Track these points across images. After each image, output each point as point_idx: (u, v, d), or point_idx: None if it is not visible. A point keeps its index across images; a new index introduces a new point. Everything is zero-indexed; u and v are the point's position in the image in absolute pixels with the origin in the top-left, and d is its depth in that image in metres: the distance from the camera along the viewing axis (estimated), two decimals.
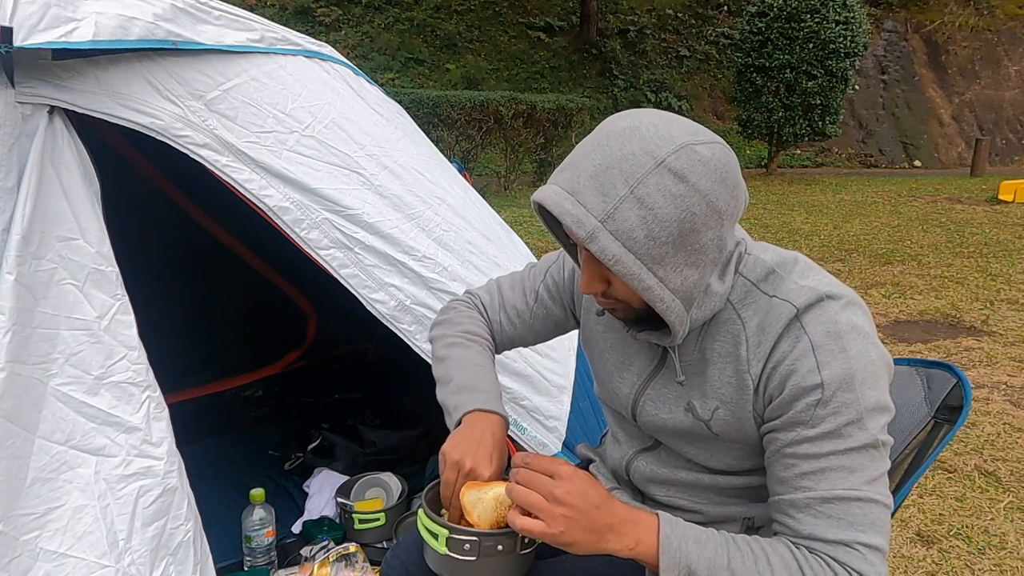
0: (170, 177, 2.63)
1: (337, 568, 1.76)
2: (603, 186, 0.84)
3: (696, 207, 0.84)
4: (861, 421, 0.87)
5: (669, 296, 0.87)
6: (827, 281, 0.95)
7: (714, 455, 1.03)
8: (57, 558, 1.12)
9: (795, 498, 0.90)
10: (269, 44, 1.62)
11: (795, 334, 0.90)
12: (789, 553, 0.88)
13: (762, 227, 8.08)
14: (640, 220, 0.83)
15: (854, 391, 0.87)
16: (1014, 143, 17.27)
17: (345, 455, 2.38)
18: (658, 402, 1.06)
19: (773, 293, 0.94)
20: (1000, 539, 2.23)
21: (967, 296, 5.05)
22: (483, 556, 0.93)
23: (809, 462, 0.89)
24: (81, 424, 1.18)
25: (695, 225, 0.85)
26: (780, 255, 0.99)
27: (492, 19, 17.58)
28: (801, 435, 0.89)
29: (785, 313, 0.91)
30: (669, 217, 0.83)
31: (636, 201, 0.83)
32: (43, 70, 1.21)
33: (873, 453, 0.88)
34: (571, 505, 0.86)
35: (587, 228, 0.84)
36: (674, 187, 0.83)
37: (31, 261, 1.16)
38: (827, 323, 0.89)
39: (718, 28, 18.20)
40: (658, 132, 0.85)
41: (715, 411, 0.98)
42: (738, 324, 0.96)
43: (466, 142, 10.48)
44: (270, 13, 14.28)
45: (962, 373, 1.15)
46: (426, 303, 1.71)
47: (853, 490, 0.87)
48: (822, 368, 0.87)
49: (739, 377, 0.95)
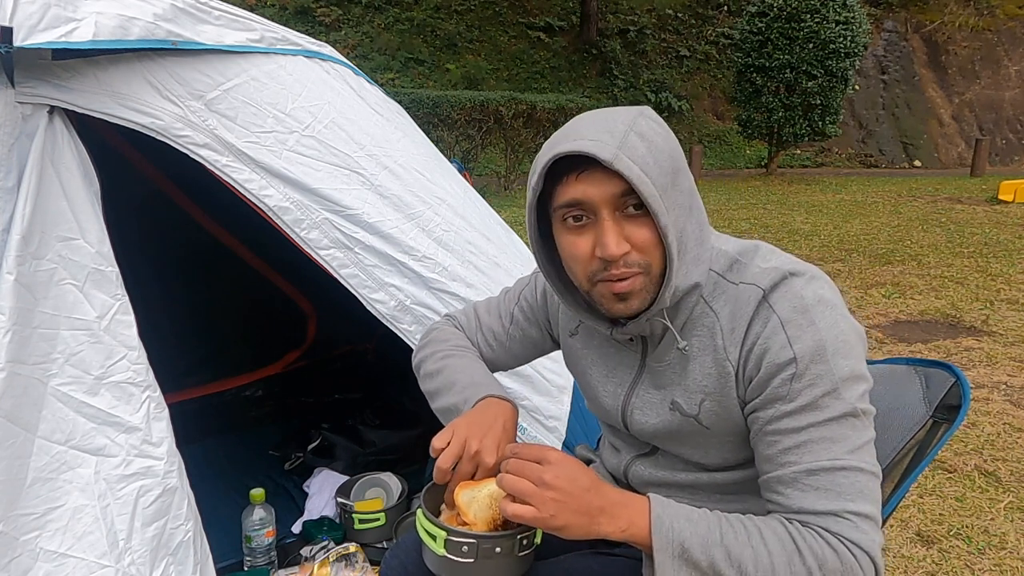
0: (170, 177, 2.64)
1: (337, 568, 1.76)
2: (609, 127, 0.91)
3: (675, 150, 0.93)
4: (837, 391, 0.88)
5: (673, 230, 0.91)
6: (789, 260, 0.97)
7: (709, 452, 1.04)
8: (57, 558, 1.13)
9: (781, 474, 0.91)
10: (269, 44, 1.62)
11: (765, 314, 0.92)
12: (782, 527, 0.89)
13: (762, 227, 8.08)
14: (646, 148, 0.90)
15: (827, 362, 0.88)
16: (1014, 143, 17.27)
17: (345, 455, 2.38)
18: (645, 408, 1.07)
19: (739, 280, 0.96)
20: (1000, 539, 2.23)
21: (967, 296, 5.05)
22: (481, 558, 0.93)
23: (790, 436, 0.90)
24: (81, 424, 1.18)
25: (680, 164, 0.93)
26: (741, 244, 1.02)
27: (492, 19, 17.58)
28: (780, 411, 0.91)
29: (753, 296, 0.94)
30: (663, 149, 0.91)
31: (638, 135, 0.90)
32: (43, 70, 1.21)
33: (854, 422, 0.89)
34: (560, 489, 0.87)
35: (611, 150, 0.88)
36: (659, 128, 0.93)
37: (31, 261, 1.16)
38: (793, 298, 0.91)
39: (718, 28, 18.20)
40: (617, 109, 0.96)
41: (702, 404, 0.99)
42: (711, 316, 0.98)
43: (466, 142, 10.49)
44: (270, 13, 14.28)
45: (961, 372, 1.15)
46: (426, 303, 1.71)
47: (837, 459, 0.88)
48: (793, 343, 0.89)
49: (719, 366, 0.96)
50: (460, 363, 1.22)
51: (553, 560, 1.13)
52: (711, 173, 14.58)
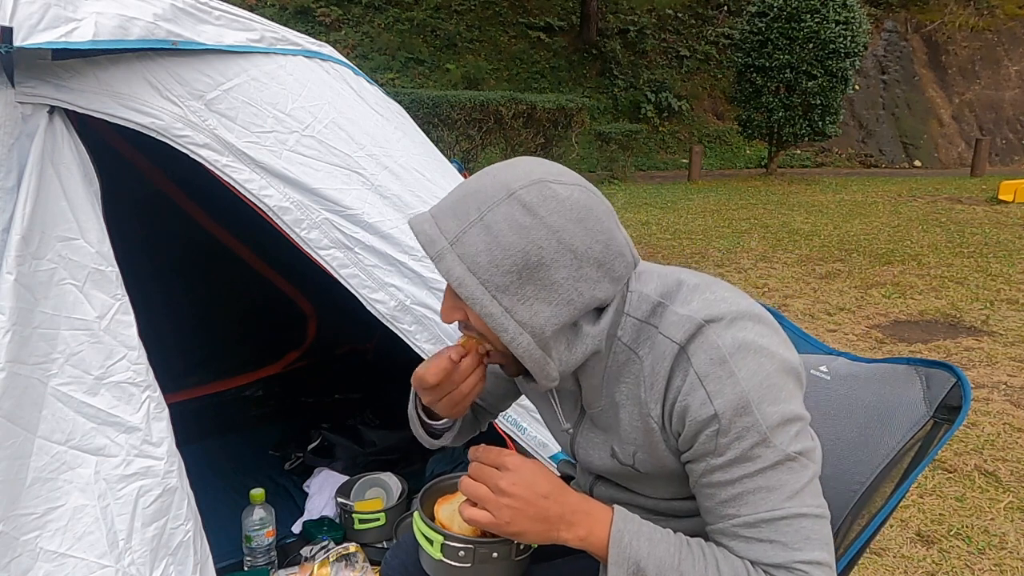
0: (170, 177, 2.64)
1: (337, 568, 1.76)
2: (458, 211, 0.87)
3: (544, 241, 0.85)
4: (767, 440, 0.84)
5: (515, 327, 0.86)
6: (709, 301, 0.90)
7: (656, 489, 1.02)
8: (57, 558, 1.12)
9: (723, 527, 0.88)
10: (269, 44, 1.62)
11: (683, 368, 0.87)
12: (741, 564, 0.87)
13: (762, 227, 8.08)
14: (485, 246, 0.85)
15: (751, 414, 0.84)
16: (1014, 143, 17.26)
17: (345, 455, 2.38)
18: (588, 449, 1.05)
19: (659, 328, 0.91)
20: (1000, 539, 2.23)
21: (967, 296, 5.05)
22: (478, 562, 0.94)
23: (725, 489, 0.87)
24: (81, 424, 1.18)
25: (543, 259, 0.85)
26: (664, 283, 0.95)
27: (492, 19, 17.58)
28: (711, 464, 0.87)
29: (668, 351, 0.89)
30: (513, 246, 0.84)
31: (484, 227, 0.85)
32: (43, 70, 1.21)
33: (791, 465, 0.85)
34: (515, 496, 0.86)
35: (436, 248, 0.86)
36: (521, 218, 0.84)
37: (31, 261, 1.16)
38: (709, 350, 0.86)
39: (718, 28, 18.20)
40: (521, 169, 0.89)
41: (635, 455, 0.97)
42: (638, 365, 0.93)
43: (466, 142, 10.50)
44: (270, 13, 14.28)
45: (962, 373, 1.15)
46: (426, 303, 1.71)
47: (776, 509, 0.85)
48: (713, 398, 0.85)
49: (643, 420, 0.93)
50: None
51: (548, 563, 1.13)
52: (711, 173, 14.58)
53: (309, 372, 3.09)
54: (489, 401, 1.31)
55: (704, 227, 8.14)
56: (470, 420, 1.30)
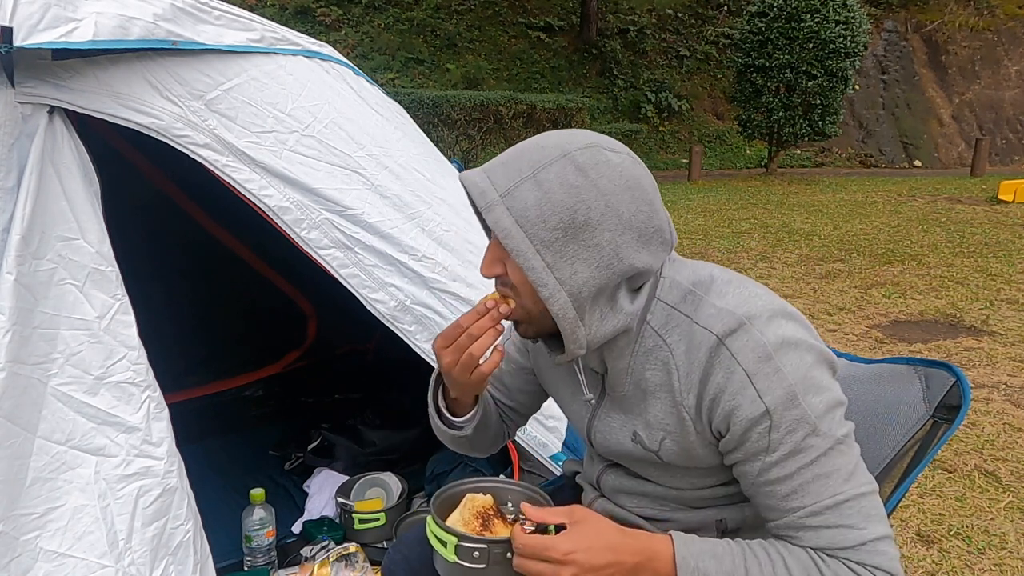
0: (170, 177, 2.64)
1: (337, 568, 1.76)
2: (511, 168, 0.90)
3: (592, 202, 0.87)
4: (816, 430, 0.87)
5: (554, 283, 0.88)
6: (745, 297, 0.92)
7: (673, 478, 1.03)
8: (57, 558, 1.13)
9: (789, 521, 0.90)
10: (269, 44, 1.62)
11: (725, 365, 0.89)
12: (807, 556, 0.89)
13: (762, 227, 8.08)
14: (535, 200, 0.87)
15: (799, 406, 0.87)
16: (1014, 143, 17.26)
17: (345, 455, 2.38)
18: (607, 432, 1.06)
19: (693, 317, 0.93)
20: (1000, 539, 2.23)
21: (967, 296, 5.05)
22: (492, 564, 0.94)
23: (785, 483, 0.89)
24: (81, 424, 1.18)
25: (589, 220, 0.87)
26: (696, 274, 0.97)
27: (492, 19, 17.58)
28: (766, 462, 0.89)
29: (706, 342, 0.90)
30: (562, 204, 0.87)
31: (536, 183, 0.87)
32: (43, 70, 1.21)
33: (841, 449, 0.89)
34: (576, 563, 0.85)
35: (487, 199, 0.89)
36: (573, 178, 0.87)
37: (31, 261, 1.16)
38: (755, 348, 0.88)
39: (718, 28, 18.20)
40: (577, 135, 0.92)
41: (662, 441, 0.98)
42: (666, 351, 0.95)
43: (466, 142, 10.50)
44: (270, 13, 14.28)
45: (961, 372, 1.15)
46: (426, 303, 1.71)
47: (838, 494, 0.87)
48: (763, 395, 0.87)
49: (676, 408, 0.95)
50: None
51: None
52: (711, 173, 14.58)
53: (309, 372, 3.09)
54: (518, 400, 1.30)
55: (704, 227, 8.14)
56: (496, 422, 1.28)
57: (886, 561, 0.87)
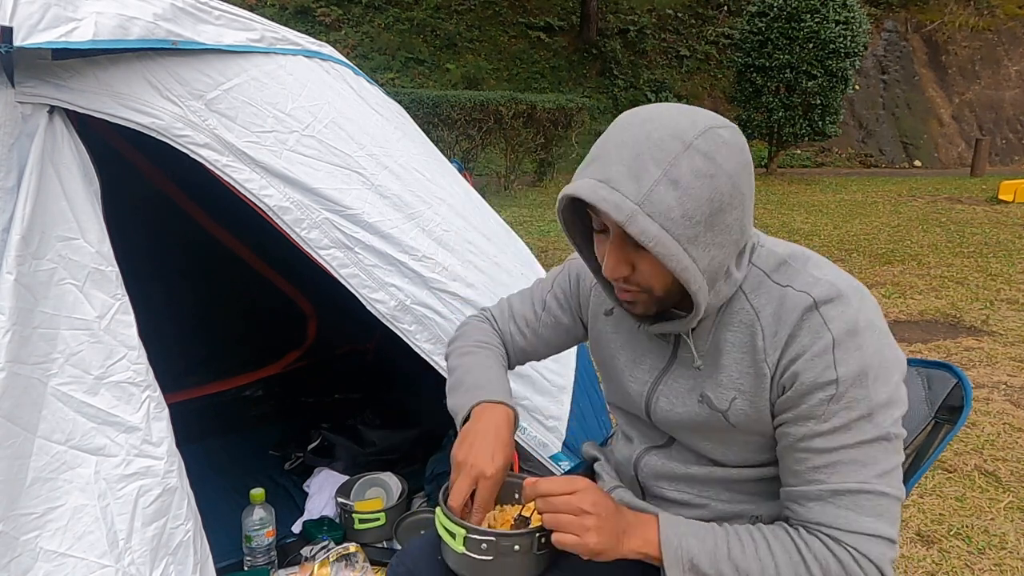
0: (171, 177, 2.64)
1: (337, 568, 1.76)
2: (636, 171, 0.86)
3: (724, 187, 0.87)
4: (872, 415, 0.88)
5: (699, 276, 0.89)
6: (842, 275, 0.95)
7: (729, 448, 1.04)
8: (57, 558, 1.12)
9: (808, 490, 0.92)
10: (269, 44, 1.62)
11: (815, 328, 0.90)
12: (788, 538, 0.92)
13: (762, 227, 8.04)
14: (676, 200, 0.85)
15: (866, 387, 0.88)
16: (1014, 143, 17.26)
17: (345, 455, 2.38)
18: (672, 397, 1.06)
19: (787, 283, 0.95)
20: (1000, 539, 2.23)
21: (967, 296, 5.05)
22: (500, 555, 0.95)
23: (821, 456, 0.90)
24: (81, 424, 1.18)
25: (722, 205, 0.87)
26: (791, 248, 1.01)
27: (492, 19, 17.57)
28: (813, 430, 0.91)
29: (801, 304, 0.92)
30: (702, 196, 0.86)
31: (671, 183, 0.85)
32: (43, 70, 1.21)
33: (885, 446, 0.89)
34: (597, 514, 0.92)
35: (625, 211, 0.85)
36: (705, 168, 0.86)
37: (31, 261, 1.16)
38: (847, 320, 0.90)
39: (718, 28, 18.19)
40: (681, 117, 0.89)
41: (733, 401, 0.98)
42: (751, 313, 0.96)
43: (466, 142, 10.48)
44: (270, 13, 14.28)
45: (962, 373, 1.15)
46: (426, 303, 1.71)
47: (865, 483, 0.89)
48: (838, 365, 0.88)
49: (756, 367, 0.95)
50: (472, 362, 1.25)
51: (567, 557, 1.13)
52: None
53: (309, 372, 3.08)
54: (536, 347, 1.35)
55: None
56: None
57: (875, 551, 0.88)
